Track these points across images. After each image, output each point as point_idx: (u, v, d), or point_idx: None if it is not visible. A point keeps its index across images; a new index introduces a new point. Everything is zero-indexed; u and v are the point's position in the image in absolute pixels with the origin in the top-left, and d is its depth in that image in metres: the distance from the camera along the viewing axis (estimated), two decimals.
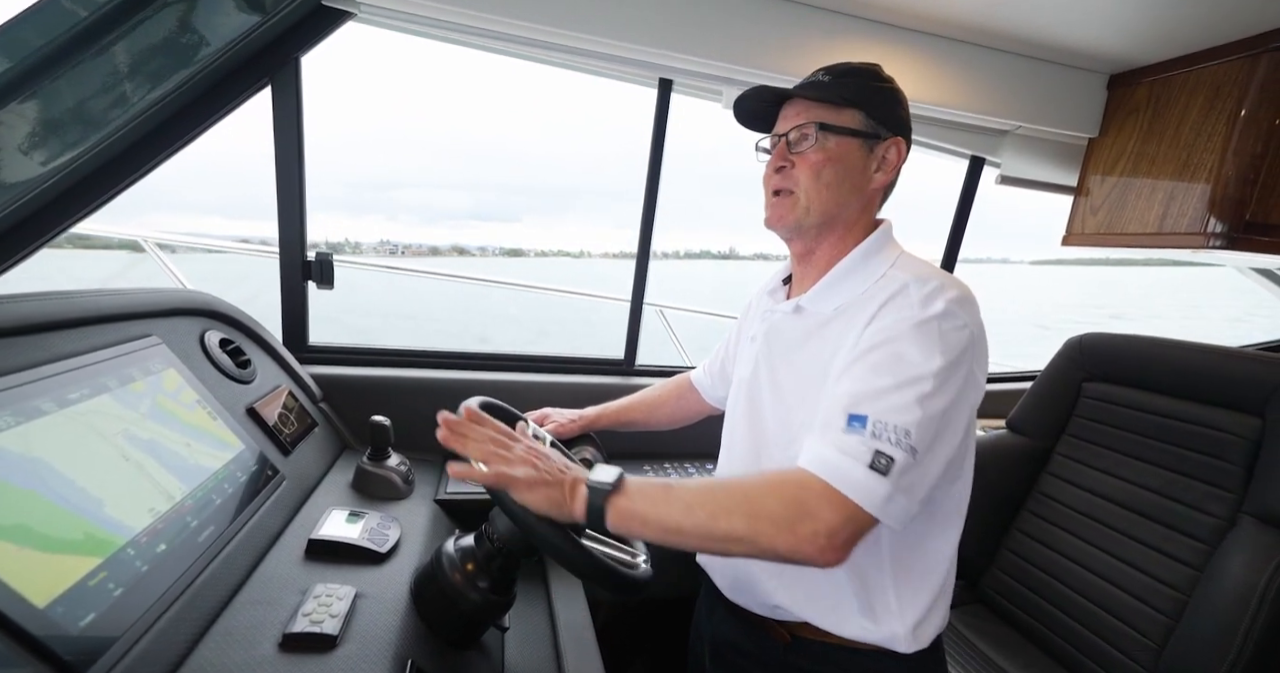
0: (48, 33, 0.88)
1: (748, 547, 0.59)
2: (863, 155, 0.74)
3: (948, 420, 0.63)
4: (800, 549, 0.57)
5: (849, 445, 0.60)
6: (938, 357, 0.63)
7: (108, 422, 0.63)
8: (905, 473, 0.59)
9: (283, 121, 1.13)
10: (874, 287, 0.72)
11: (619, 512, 0.61)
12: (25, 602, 0.45)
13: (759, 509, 0.59)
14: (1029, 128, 1.49)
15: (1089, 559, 1.13)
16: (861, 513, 0.58)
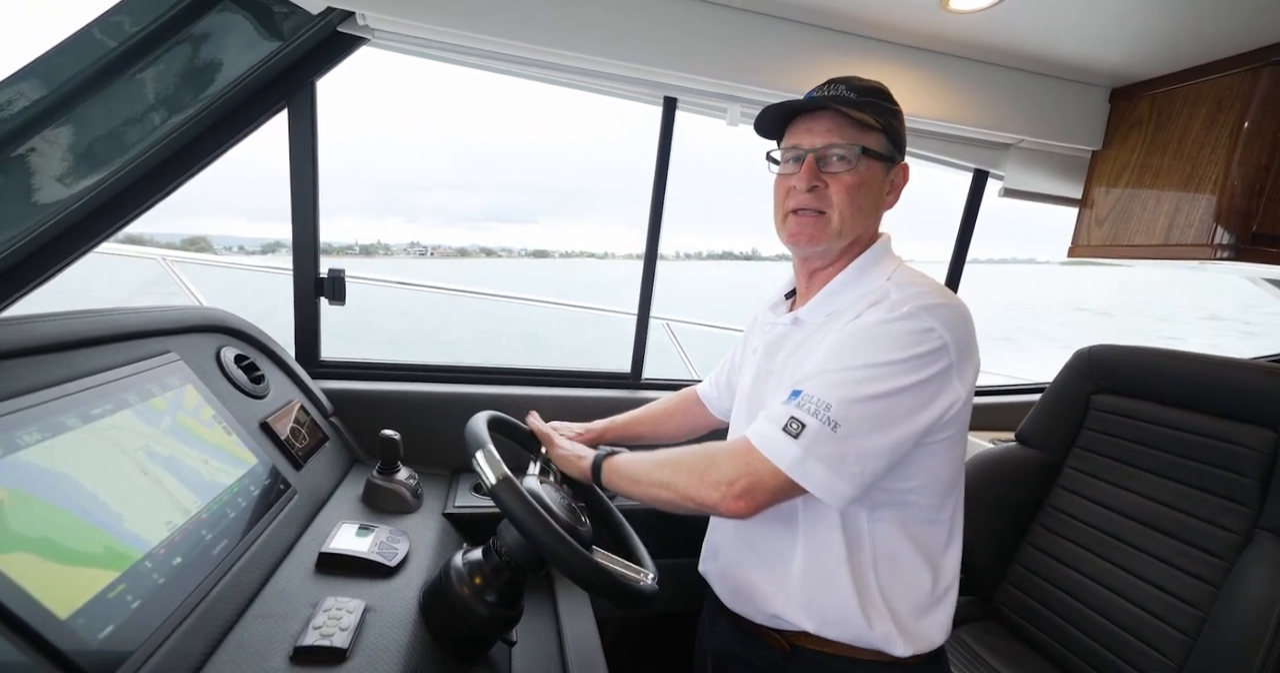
0: (80, 62, 0.92)
1: (674, 493, 0.70)
2: (882, 178, 0.76)
3: (887, 410, 0.64)
4: (704, 495, 0.67)
5: (774, 413, 0.67)
6: (887, 351, 0.65)
7: (129, 437, 0.64)
8: (819, 441, 0.63)
9: (298, 143, 1.17)
10: (864, 297, 0.73)
11: (608, 468, 0.80)
12: (48, 613, 0.46)
13: (681, 461, 0.71)
14: (1032, 141, 1.50)
15: (1103, 574, 1.12)
16: (766, 466, 0.64)
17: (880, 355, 0.64)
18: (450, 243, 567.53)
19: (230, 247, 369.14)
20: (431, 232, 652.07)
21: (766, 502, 0.66)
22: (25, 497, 0.51)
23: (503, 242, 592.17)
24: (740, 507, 0.65)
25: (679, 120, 1.41)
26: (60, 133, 0.94)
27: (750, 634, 0.81)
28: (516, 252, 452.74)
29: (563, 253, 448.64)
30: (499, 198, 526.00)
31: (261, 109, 1.09)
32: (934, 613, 0.74)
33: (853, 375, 0.64)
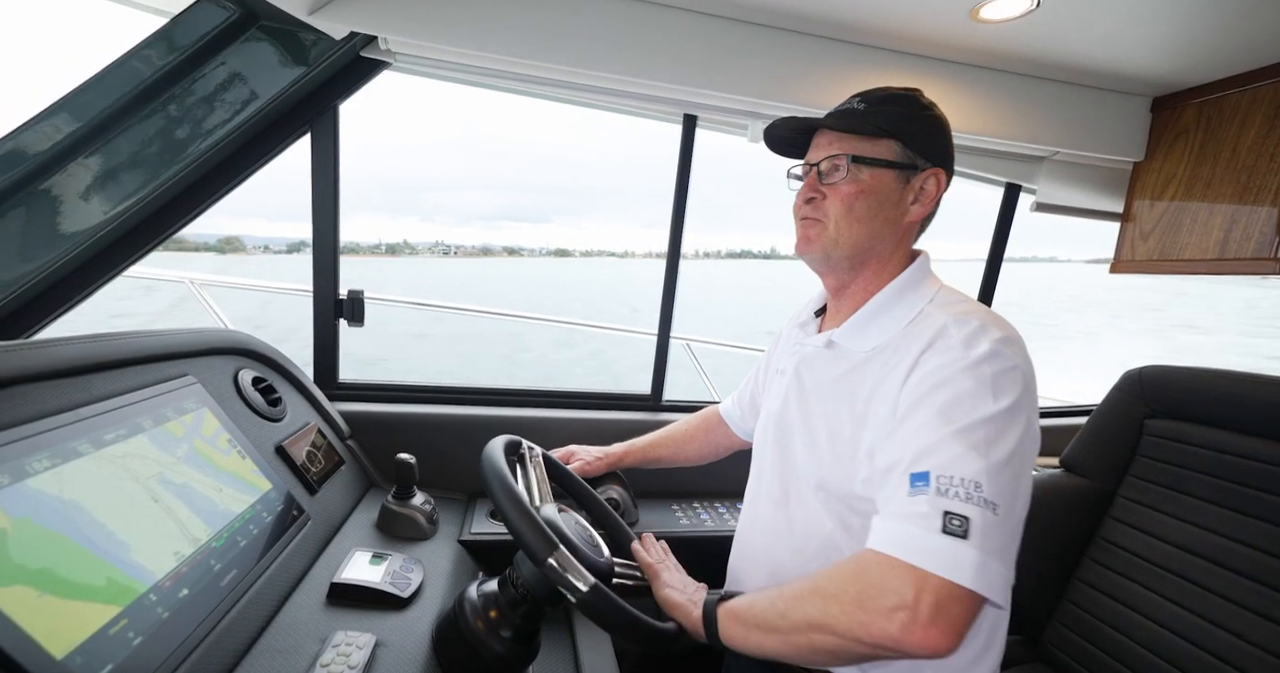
0: (111, 95, 0.95)
1: (829, 635, 0.56)
2: (898, 187, 0.72)
3: (1020, 469, 0.58)
4: (881, 628, 0.52)
5: (913, 511, 0.55)
6: (992, 400, 0.58)
7: (142, 464, 0.63)
8: (989, 533, 0.53)
9: (320, 167, 1.18)
10: (911, 327, 0.69)
11: (729, 614, 0.67)
12: (43, 652, 0.44)
13: (828, 590, 0.57)
14: (1067, 154, 1.44)
15: (1166, 616, 1.02)
16: (939, 582, 0.52)
17: (987, 407, 0.57)
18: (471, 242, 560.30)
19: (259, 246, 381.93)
20: (447, 231, 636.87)
21: (965, 624, 0.52)
22: (30, 525, 0.49)
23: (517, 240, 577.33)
24: (933, 636, 0.50)
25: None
26: (92, 161, 0.96)
27: (774, 670, 0.76)
28: (539, 251, 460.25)
29: (583, 252, 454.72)
30: (513, 197, 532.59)
31: (285, 133, 1.11)
32: (984, 658, 0.68)
33: (974, 437, 0.56)
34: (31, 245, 0.95)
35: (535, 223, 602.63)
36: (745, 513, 0.88)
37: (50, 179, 0.95)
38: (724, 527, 1.24)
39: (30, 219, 0.94)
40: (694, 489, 1.37)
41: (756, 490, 0.85)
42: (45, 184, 0.95)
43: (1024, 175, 1.53)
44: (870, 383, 0.69)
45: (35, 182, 0.94)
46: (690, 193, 1.44)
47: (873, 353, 0.71)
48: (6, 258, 0.94)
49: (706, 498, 1.37)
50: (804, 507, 0.74)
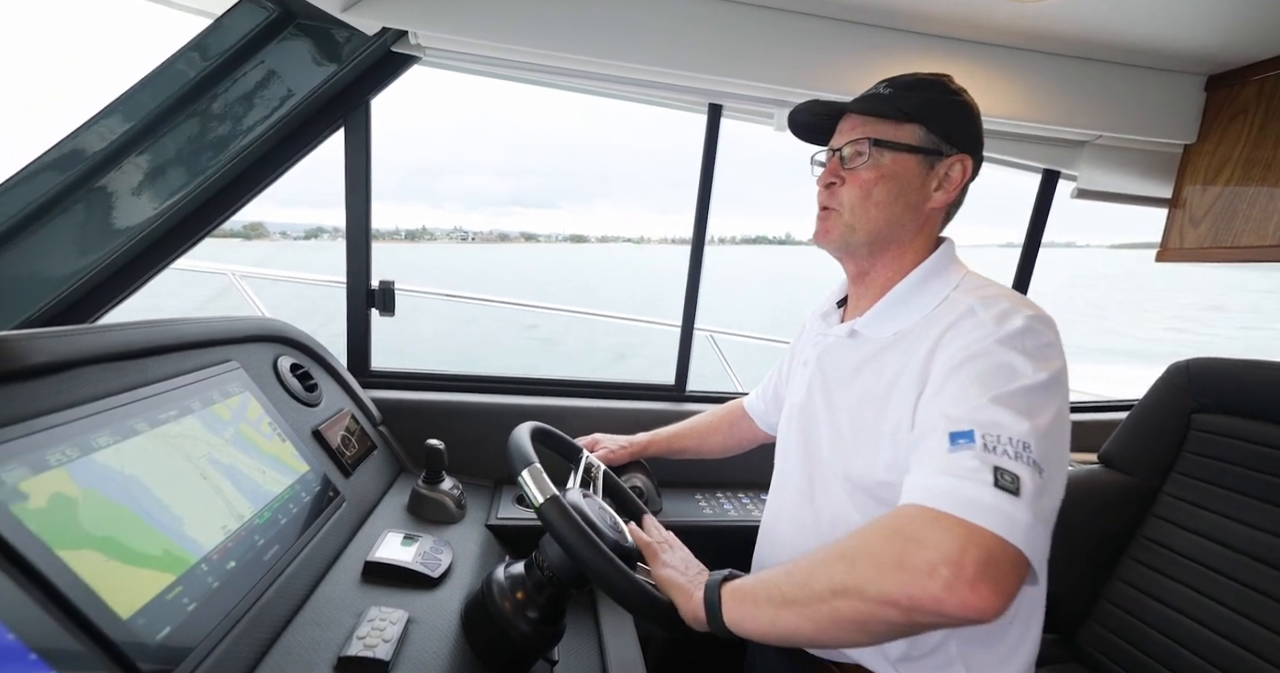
0: (159, 96, 1.00)
1: (856, 600, 0.50)
2: (921, 173, 0.71)
3: (1059, 442, 0.55)
4: (922, 587, 0.46)
5: (958, 465, 0.50)
6: (1031, 372, 0.56)
7: (193, 445, 0.67)
8: (1039, 496, 0.49)
9: (353, 160, 1.21)
10: (935, 312, 0.68)
11: (735, 594, 0.62)
12: (112, 612, 0.48)
13: (856, 551, 0.51)
14: (1111, 137, 1.38)
15: (1210, 616, 0.98)
16: (991, 538, 0.46)
17: (1027, 377, 0.55)
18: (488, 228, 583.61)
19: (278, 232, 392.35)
20: (458, 217, 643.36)
21: (1014, 587, 0.47)
22: (97, 496, 0.53)
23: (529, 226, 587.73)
24: (983, 597, 0.45)
25: None
26: (143, 159, 1.01)
27: (801, 665, 0.76)
28: (554, 237, 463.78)
29: (599, 237, 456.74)
30: (523, 182, 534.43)
31: (320, 128, 1.14)
32: (1016, 654, 0.67)
33: (1017, 403, 0.53)
34: (92, 238, 1.01)
35: (546, 208, 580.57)
36: (771, 504, 0.88)
37: (106, 177, 1.01)
38: (748, 517, 1.24)
39: (90, 214, 1.00)
40: (718, 479, 1.37)
41: (782, 482, 0.85)
42: (102, 181, 1.01)
43: (1064, 161, 1.47)
44: (893, 367, 0.68)
45: (93, 179, 1.00)
46: (675, 180, 1.43)
47: (894, 338, 0.70)
48: (70, 250, 1.01)
49: (730, 488, 1.37)
50: (829, 497, 0.74)
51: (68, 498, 0.50)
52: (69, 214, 0.99)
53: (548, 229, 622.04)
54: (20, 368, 0.52)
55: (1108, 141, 1.41)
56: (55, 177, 0.98)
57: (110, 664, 0.45)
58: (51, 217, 0.99)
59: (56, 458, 0.51)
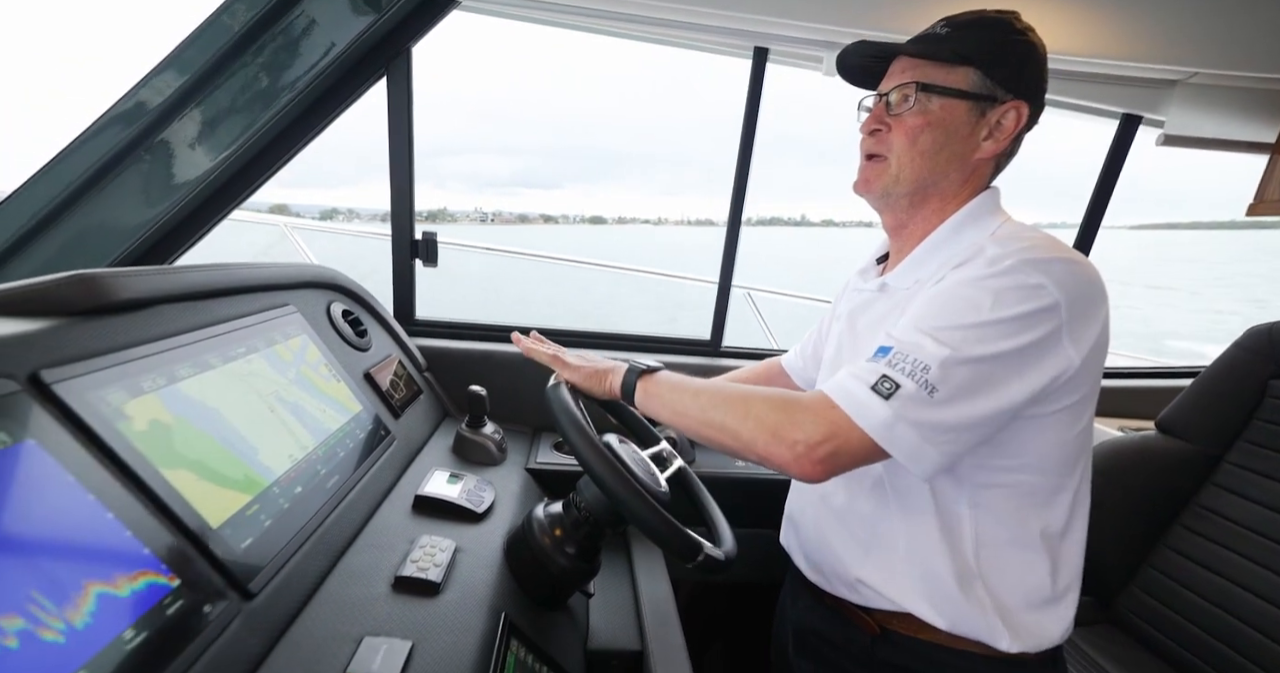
0: (208, 50, 1.02)
1: (730, 438, 0.63)
2: (970, 120, 0.66)
3: (992, 375, 0.56)
4: (776, 453, 0.59)
5: (860, 369, 0.60)
6: (990, 309, 0.56)
7: (263, 383, 0.72)
8: (913, 405, 0.56)
9: (396, 110, 1.22)
10: (957, 257, 0.65)
11: (645, 390, 0.72)
12: (205, 521, 0.53)
13: (751, 409, 0.62)
14: (1208, 74, 1.23)
15: (1263, 585, 0.95)
16: (852, 429, 0.57)
17: (983, 314, 0.56)
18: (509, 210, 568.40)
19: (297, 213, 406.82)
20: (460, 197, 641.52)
21: (847, 467, 0.59)
22: (187, 424, 0.58)
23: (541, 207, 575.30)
24: (818, 472, 0.58)
25: (713, 76, 1.32)
26: (198, 112, 1.05)
27: (835, 611, 0.78)
28: (574, 218, 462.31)
29: (616, 219, 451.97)
30: (527, 162, 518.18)
31: (363, 78, 1.15)
32: (1050, 608, 0.66)
33: (953, 336, 0.57)
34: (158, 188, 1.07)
35: (550, 189, 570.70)
36: None
37: (167, 130, 1.05)
38: (781, 472, 1.25)
39: (156, 165, 1.06)
40: None
41: None
42: (163, 135, 1.05)
43: (1147, 104, 1.33)
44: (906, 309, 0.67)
45: (155, 133, 1.04)
46: (686, 157, 1.37)
47: (915, 285, 0.69)
48: (139, 201, 1.07)
49: None
50: None
51: (164, 424, 0.55)
52: (138, 166, 1.05)
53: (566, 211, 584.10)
54: (110, 303, 0.57)
55: (1204, 79, 1.27)
56: (121, 130, 1.03)
57: (207, 566, 0.51)
58: (123, 168, 1.04)
59: (149, 385, 0.56)
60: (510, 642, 0.62)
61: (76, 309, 0.54)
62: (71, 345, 0.51)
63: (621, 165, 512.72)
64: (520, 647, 0.63)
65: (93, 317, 0.55)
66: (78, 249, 1.07)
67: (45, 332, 0.49)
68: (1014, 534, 0.66)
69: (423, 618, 0.60)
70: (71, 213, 1.05)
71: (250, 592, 0.54)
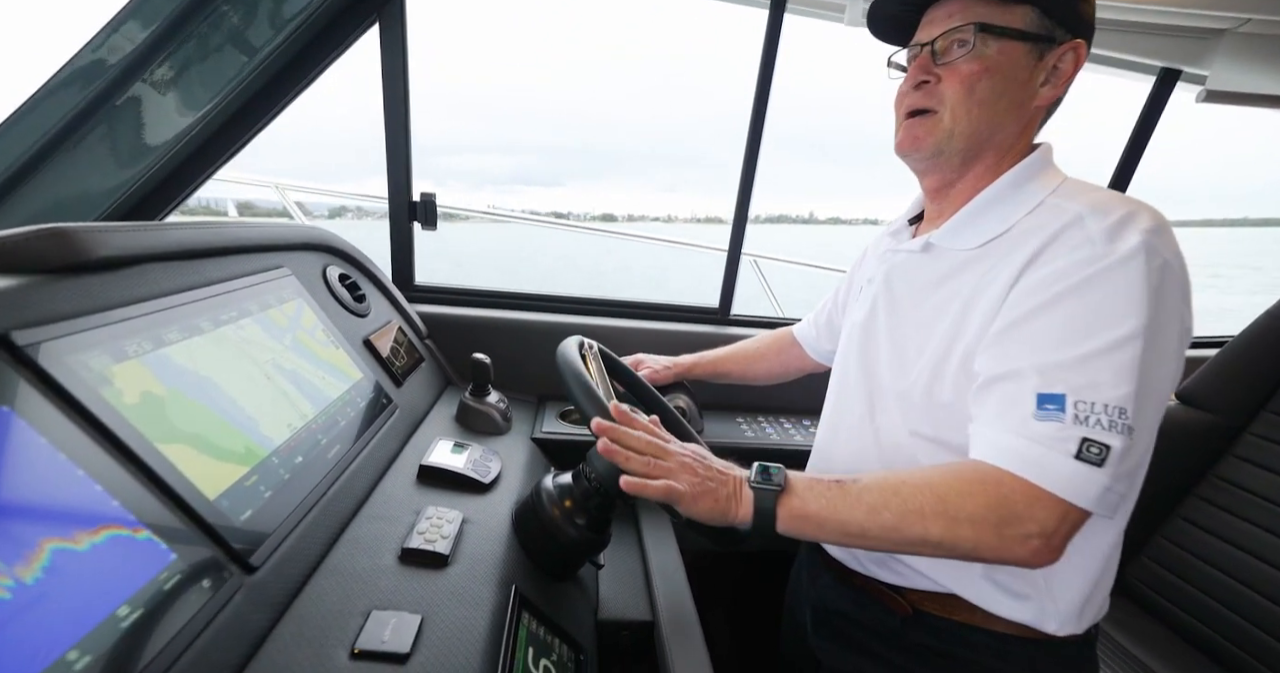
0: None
1: (945, 552, 0.54)
2: (1029, 64, 0.60)
3: (1163, 383, 0.52)
4: (1011, 552, 0.52)
5: (1045, 434, 0.51)
6: (1143, 309, 0.50)
7: (259, 350, 0.68)
8: (1124, 459, 0.50)
9: (390, 62, 1.14)
10: (1030, 219, 0.59)
11: (791, 514, 0.57)
12: (200, 493, 0.50)
13: (956, 512, 0.52)
14: (1261, 20, 1.15)
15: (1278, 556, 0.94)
16: (1073, 509, 0.51)
17: (1138, 317, 0.50)
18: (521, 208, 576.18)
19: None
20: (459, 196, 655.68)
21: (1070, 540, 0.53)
22: (176, 390, 0.54)
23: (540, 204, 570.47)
24: (1055, 559, 0.52)
25: (721, 73, 1.23)
26: (171, 65, 0.97)
27: (862, 591, 0.75)
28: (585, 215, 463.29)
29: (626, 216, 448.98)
30: (525, 160, 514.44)
31: (353, 25, 1.07)
32: (1097, 587, 0.64)
33: (1122, 357, 0.50)
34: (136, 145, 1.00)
35: (549, 186, 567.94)
36: (824, 428, 0.84)
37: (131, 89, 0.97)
38: (789, 441, 1.23)
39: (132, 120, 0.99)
40: (761, 404, 1.36)
41: (837, 405, 0.81)
42: (129, 94, 0.97)
43: (1190, 57, 1.25)
44: (974, 282, 0.61)
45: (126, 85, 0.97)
46: (691, 156, 1.29)
47: (980, 251, 0.62)
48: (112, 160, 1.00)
49: (772, 413, 1.36)
50: (889, 419, 0.70)
51: (151, 390, 0.52)
52: (108, 123, 0.98)
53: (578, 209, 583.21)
54: (89, 260, 0.53)
55: (1254, 28, 1.18)
56: (87, 85, 0.96)
57: (205, 539, 0.48)
58: (93, 125, 0.97)
59: (134, 349, 0.52)
60: (522, 615, 0.61)
61: (50, 266, 0.50)
62: (45, 305, 0.47)
63: (623, 163, 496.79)
64: (532, 620, 0.62)
65: (68, 275, 0.51)
66: (46, 214, 1.01)
67: (14, 290, 0.45)
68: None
69: (431, 591, 0.58)
70: (35, 175, 0.98)
71: (252, 565, 0.52)
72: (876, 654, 0.73)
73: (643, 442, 0.63)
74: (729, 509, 0.59)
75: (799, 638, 0.87)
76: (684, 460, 0.61)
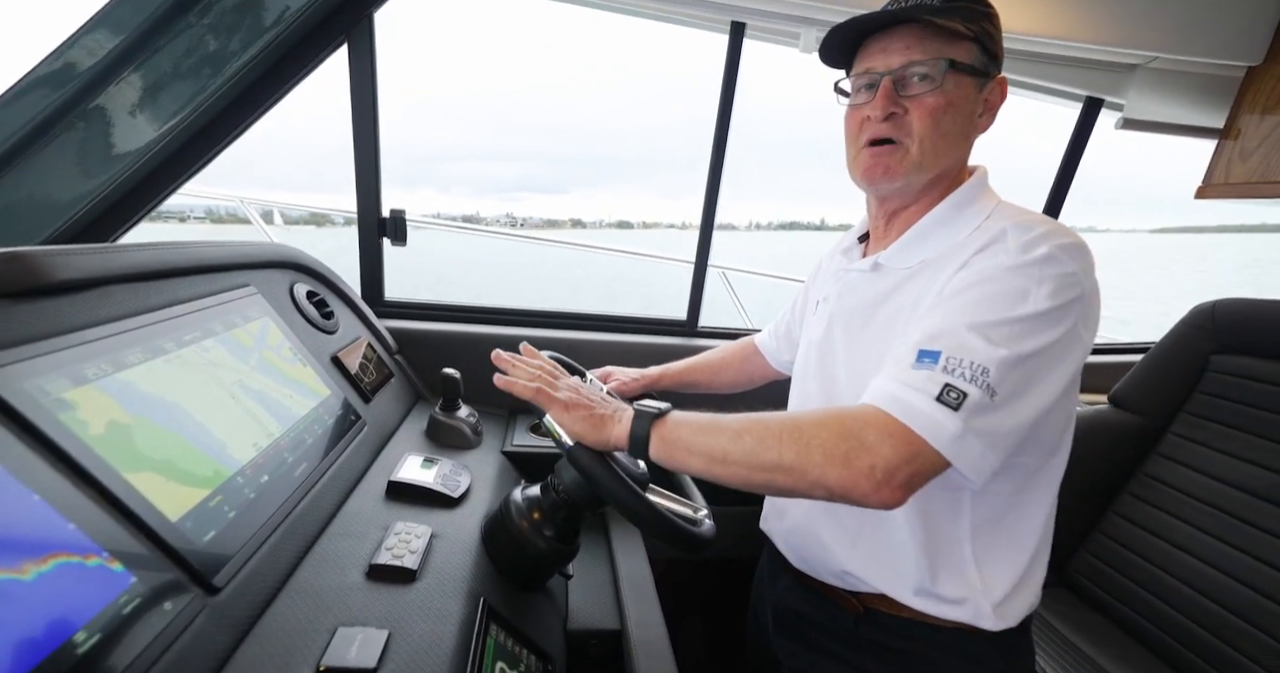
0: (146, 7, 0.93)
1: (795, 479, 0.54)
2: (974, 97, 0.65)
3: (1039, 370, 0.56)
4: (855, 484, 0.52)
5: (914, 378, 0.55)
6: (1034, 301, 0.55)
7: (226, 373, 0.68)
8: (980, 412, 0.53)
9: (359, 80, 1.15)
10: (968, 239, 0.64)
11: (663, 438, 0.60)
12: (162, 515, 0.50)
13: (811, 439, 0.54)
14: (1167, 59, 1.27)
15: (1205, 550, 1.02)
16: (927, 449, 0.52)
17: (1027, 306, 0.55)
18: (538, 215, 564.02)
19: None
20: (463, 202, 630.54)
21: (919, 488, 0.54)
22: (136, 413, 0.54)
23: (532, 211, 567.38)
24: (898, 498, 0.53)
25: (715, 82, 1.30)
26: (138, 77, 0.97)
27: (818, 593, 0.79)
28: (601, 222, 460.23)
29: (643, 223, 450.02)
30: (529, 167, 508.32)
31: (322, 44, 1.08)
32: (1027, 584, 0.69)
33: (1002, 332, 0.54)
34: (96, 159, 0.98)
35: (553, 193, 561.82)
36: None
37: (96, 99, 0.96)
38: None
39: (92, 134, 0.97)
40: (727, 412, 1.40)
41: None
42: (94, 104, 0.96)
43: (1109, 87, 1.37)
44: (916, 295, 0.66)
45: (90, 97, 0.96)
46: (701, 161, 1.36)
47: (919, 266, 0.68)
48: (73, 172, 0.98)
49: None
50: None
51: (111, 413, 0.52)
52: (70, 134, 0.96)
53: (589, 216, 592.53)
54: (49, 284, 0.52)
55: (1163, 64, 1.30)
56: (50, 94, 0.94)
57: (166, 561, 0.48)
58: (54, 136, 0.96)
59: (93, 373, 0.52)
60: (490, 627, 0.62)
61: (9, 291, 0.50)
62: (2, 330, 0.47)
63: (623, 170, 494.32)
64: (500, 631, 0.63)
65: (25, 299, 0.51)
66: (3, 227, 0.98)
67: None
68: (1009, 517, 0.67)
69: (399, 606, 0.59)
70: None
71: (215, 586, 0.52)
72: (833, 653, 0.77)
73: (535, 366, 0.69)
74: (605, 428, 0.62)
75: (762, 640, 0.90)
76: (568, 383, 0.66)
